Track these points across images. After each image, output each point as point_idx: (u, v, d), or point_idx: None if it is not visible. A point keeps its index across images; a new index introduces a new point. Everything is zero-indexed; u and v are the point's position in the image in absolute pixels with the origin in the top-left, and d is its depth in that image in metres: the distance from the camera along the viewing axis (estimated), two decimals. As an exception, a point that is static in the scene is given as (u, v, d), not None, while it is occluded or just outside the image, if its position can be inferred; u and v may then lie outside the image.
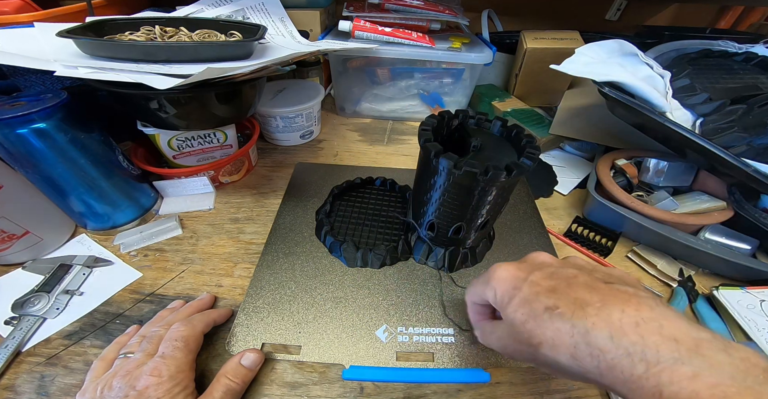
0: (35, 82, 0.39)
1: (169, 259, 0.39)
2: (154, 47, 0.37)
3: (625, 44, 0.46)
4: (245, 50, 0.41)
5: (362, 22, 0.55)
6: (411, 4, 0.56)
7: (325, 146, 0.59)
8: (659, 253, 0.41)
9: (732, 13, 0.82)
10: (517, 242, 0.42)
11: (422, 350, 0.32)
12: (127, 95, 0.35)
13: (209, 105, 0.40)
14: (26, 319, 0.32)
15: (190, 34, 0.44)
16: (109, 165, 0.38)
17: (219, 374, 0.27)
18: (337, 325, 0.33)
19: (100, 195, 0.38)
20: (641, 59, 0.46)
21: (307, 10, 0.62)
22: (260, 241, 0.41)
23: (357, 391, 0.29)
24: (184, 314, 0.32)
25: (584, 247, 0.42)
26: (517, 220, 0.45)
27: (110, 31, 0.40)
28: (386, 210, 0.45)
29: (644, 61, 0.46)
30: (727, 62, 0.50)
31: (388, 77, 0.63)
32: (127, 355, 0.28)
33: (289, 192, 0.48)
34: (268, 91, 0.56)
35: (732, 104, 0.42)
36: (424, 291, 0.36)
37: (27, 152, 0.32)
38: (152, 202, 0.45)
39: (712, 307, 0.36)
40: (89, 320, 0.33)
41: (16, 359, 0.30)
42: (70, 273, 0.36)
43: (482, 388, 0.30)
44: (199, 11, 0.50)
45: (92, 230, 0.41)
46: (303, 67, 0.65)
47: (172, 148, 0.44)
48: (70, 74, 0.32)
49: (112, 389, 0.25)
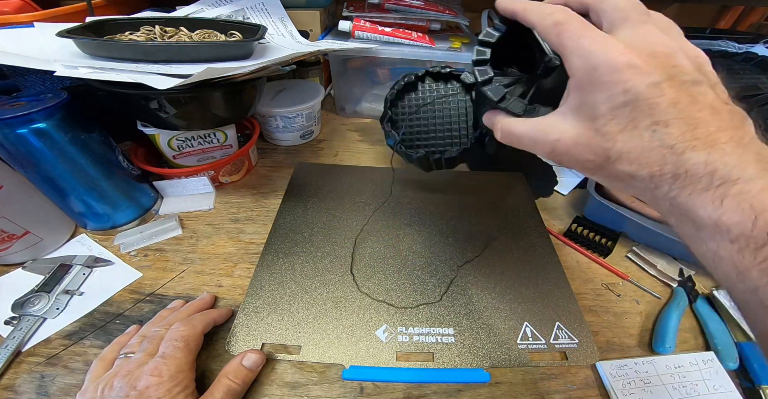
0: (35, 82, 0.39)
1: (169, 259, 0.39)
2: (154, 47, 0.37)
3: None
4: (245, 50, 0.41)
5: (362, 22, 0.55)
6: (411, 4, 0.56)
7: (325, 146, 0.59)
8: (659, 253, 0.41)
9: (732, 13, 0.82)
10: (516, 242, 0.42)
11: (422, 350, 0.32)
12: (127, 95, 0.35)
13: (209, 105, 0.40)
14: (26, 319, 0.32)
15: (190, 34, 0.44)
16: (109, 165, 0.38)
17: (220, 375, 0.27)
18: (337, 325, 0.33)
19: (100, 195, 0.38)
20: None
21: (307, 10, 0.62)
22: (260, 241, 0.41)
23: (357, 391, 0.29)
24: (185, 314, 0.32)
25: (584, 247, 0.42)
26: (517, 220, 0.45)
27: (110, 31, 0.40)
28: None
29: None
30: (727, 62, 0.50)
31: (388, 77, 0.63)
32: (128, 355, 0.28)
33: (289, 192, 0.48)
34: (268, 91, 0.56)
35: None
36: (424, 291, 0.36)
37: (27, 152, 0.32)
38: (152, 202, 0.45)
39: (712, 307, 0.36)
40: (89, 320, 0.33)
41: (16, 359, 0.30)
42: (70, 273, 0.36)
43: (482, 388, 0.30)
44: (199, 11, 0.50)
45: (92, 230, 0.41)
46: (303, 67, 0.65)
47: (172, 148, 0.44)
48: (70, 74, 0.32)
49: (112, 389, 0.25)
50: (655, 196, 0.17)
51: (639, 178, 0.17)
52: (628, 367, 0.31)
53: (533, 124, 0.21)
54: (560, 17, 0.19)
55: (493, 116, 0.24)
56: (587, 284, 0.39)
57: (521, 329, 0.33)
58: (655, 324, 0.35)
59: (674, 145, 0.16)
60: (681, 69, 0.16)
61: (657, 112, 0.16)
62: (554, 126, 0.20)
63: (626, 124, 0.17)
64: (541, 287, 0.37)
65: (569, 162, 0.19)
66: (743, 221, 0.14)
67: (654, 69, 0.16)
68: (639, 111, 0.16)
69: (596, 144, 0.18)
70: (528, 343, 0.32)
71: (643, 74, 0.16)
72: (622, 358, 0.32)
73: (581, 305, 0.36)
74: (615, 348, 0.33)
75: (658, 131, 0.16)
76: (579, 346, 0.32)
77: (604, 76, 0.17)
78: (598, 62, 0.17)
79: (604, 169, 0.18)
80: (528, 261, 0.40)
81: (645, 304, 0.37)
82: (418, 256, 0.40)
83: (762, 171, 0.15)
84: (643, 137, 0.16)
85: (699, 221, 0.16)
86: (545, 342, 0.32)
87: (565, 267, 0.39)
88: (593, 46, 0.17)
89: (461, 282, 0.37)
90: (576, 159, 0.19)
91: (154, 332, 0.29)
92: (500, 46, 0.24)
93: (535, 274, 0.38)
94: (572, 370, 0.31)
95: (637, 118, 0.16)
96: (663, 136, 0.16)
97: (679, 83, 0.16)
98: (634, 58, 0.16)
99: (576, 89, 0.18)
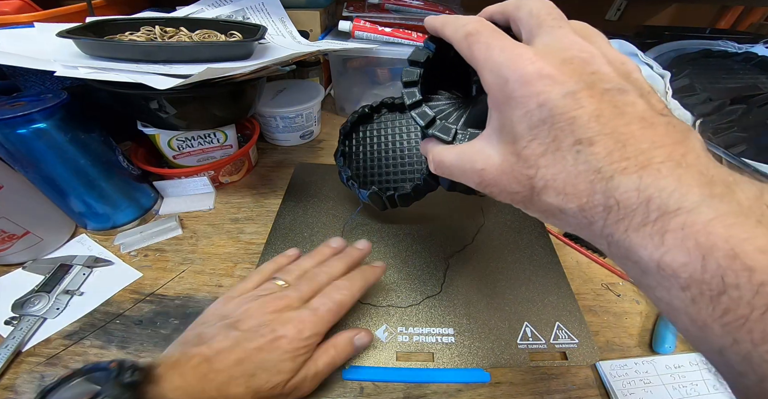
0: (35, 82, 0.39)
1: (169, 259, 0.39)
2: (154, 47, 0.37)
3: (625, 44, 0.47)
4: (245, 50, 0.41)
5: (362, 22, 0.55)
6: (411, 4, 0.56)
7: (325, 146, 0.59)
8: (659, 253, 0.41)
9: (732, 13, 0.82)
10: (516, 242, 0.42)
11: (422, 350, 0.32)
12: (127, 95, 0.35)
13: (209, 105, 0.40)
14: (26, 319, 0.32)
15: (190, 34, 0.44)
16: (109, 165, 0.38)
17: (328, 344, 0.28)
18: (338, 325, 0.33)
19: (100, 195, 0.38)
20: (641, 59, 0.46)
21: (307, 10, 0.62)
22: (260, 241, 0.41)
23: (357, 391, 0.29)
24: (346, 265, 0.31)
25: (584, 247, 0.42)
26: (516, 220, 0.45)
27: (110, 31, 0.40)
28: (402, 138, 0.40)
29: (644, 61, 0.46)
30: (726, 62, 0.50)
31: (388, 77, 0.63)
32: (280, 282, 0.29)
33: (289, 192, 0.48)
34: (268, 91, 0.56)
35: (732, 104, 0.43)
36: (424, 290, 0.36)
37: (27, 152, 0.32)
38: (152, 202, 0.45)
39: (712, 307, 0.36)
40: (89, 320, 0.33)
41: (17, 359, 0.30)
42: (70, 273, 0.36)
43: (482, 388, 0.30)
44: (199, 11, 0.50)
45: (92, 230, 0.41)
46: (303, 67, 0.65)
47: (172, 149, 0.44)
48: (70, 74, 0.32)
49: (251, 318, 0.25)
50: (593, 232, 0.14)
51: (568, 212, 0.14)
52: (628, 367, 0.31)
53: (460, 152, 0.18)
54: (471, 28, 0.17)
55: (425, 145, 0.22)
56: (587, 284, 0.39)
57: (521, 329, 0.33)
58: (655, 324, 0.35)
59: (601, 168, 0.13)
60: (601, 76, 0.14)
61: (578, 128, 0.14)
62: (480, 152, 0.17)
63: (548, 144, 0.14)
64: (541, 287, 0.37)
65: (499, 194, 0.17)
66: (690, 262, 0.12)
67: (568, 77, 0.14)
68: (558, 128, 0.14)
69: (518, 171, 0.15)
70: (528, 343, 0.32)
71: (557, 84, 0.14)
72: (622, 358, 0.32)
73: (581, 305, 0.36)
74: (615, 348, 0.33)
75: (582, 152, 0.14)
76: (579, 346, 0.32)
77: (516, 90, 0.15)
78: (508, 74, 0.15)
79: (532, 203, 0.16)
80: (528, 261, 0.40)
81: (645, 304, 0.37)
82: (418, 256, 0.40)
83: (708, 197, 0.12)
84: (566, 160, 0.14)
85: (642, 264, 0.13)
86: (545, 342, 0.32)
87: (565, 267, 0.39)
88: (501, 57, 0.15)
89: (460, 280, 0.37)
90: (504, 191, 0.16)
91: (315, 275, 0.29)
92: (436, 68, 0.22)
93: (535, 274, 0.38)
94: (572, 370, 0.31)
95: (558, 137, 0.14)
96: (588, 158, 0.14)
97: (600, 92, 0.14)
98: (545, 67, 0.14)
99: (494, 108, 0.16)
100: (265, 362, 0.24)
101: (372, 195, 0.36)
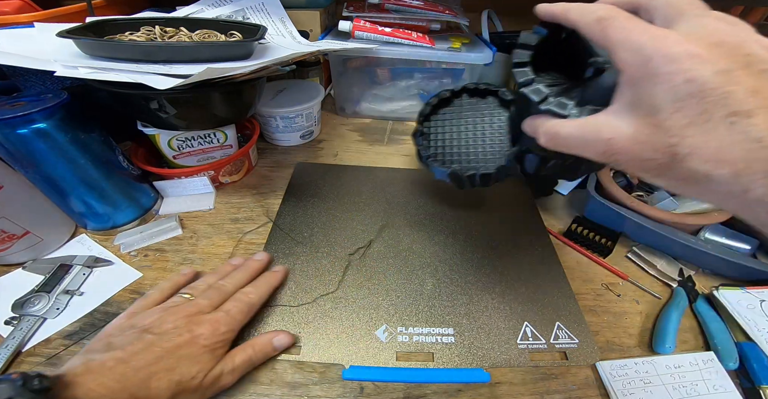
0: (35, 82, 0.39)
1: (169, 259, 0.39)
2: (154, 47, 0.37)
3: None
4: (245, 50, 0.41)
5: (362, 22, 0.55)
6: (411, 4, 0.56)
7: (325, 146, 0.59)
8: (659, 253, 0.41)
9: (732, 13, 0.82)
10: (517, 242, 0.42)
11: (422, 350, 0.32)
12: (127, 95, 0.35)
13: (209, 105, 0.40)
14: (26, 319, 0.32)
15: (190, 34, 0.44)
16: (109, 165, 0.38)
17: (247, 344, 0.29)
18: (337, 325, 0.33)
19: (100, 195, 0.38)
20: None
21: (307, 10, 0.62)
22: (260, 241, 0.41)
23: (357, 391, 0.29)
24: (249, 275, 0.34)
25: (584, 247, 0.42)
26: (517, 220, 0.45)
27: (110, 31, 0.40)
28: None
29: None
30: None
31: (388, 77, 0.63)
32: (186, 296, 0.30)
33: (289, 192, 0.48)
34: (268, 91, 0.56)
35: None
36: (424, 291, 0.36)
37: (27, 152, 0.32)
38: (152, 202, 0.45)
39: (712, 307, 0.36)
40: (89, 320, 0.33)
41: (17, 359, 0.30)
42: (70, 273, 0.36)
43: (482, 388, 0.30)
44: (199, 11, 0.50)
45: (92, 230, 0.41)
46: (303, 67, 0.65)
47: (172, 149, 0.44)
48: (70, 74, 0.32)
49: (166, 323, 0.27)
50: (746, 201, 0.15)
51: (718, 178, 0.15)
52: (628, 367, 0.31)
53: (582, 124, 0.19)
54: (604, 13, 0.18)
55: (534, 120, 0.23)
56: (587, 284, 0.39)
57: (521, 329, 0.33)
58: (655, 324, 0.35)
59: (762, 138, 0.14)
60: (757, 58, 0.15)
61: (733, 102, 0.14)
62: (607, 124, 0.18)
63: (694, 116, 0.15)
64: (541, 287, 0.37)
65: (627, 162, 0.18)
66: None
67: (719, 58, 0.15)
68: (709, 102, 0.14)
69: (658, 140, 0.16)
70: (528, 343, 0.32)
71: (707, 62, 0.14)
72: (622, 358, 0.32)
73: (581, 305, 0.36)
74: (615, 348, 0.33)
75: (737, 123, 0.14)
76: (579, 346, 0.32)
77: (661, 67, 0.15)
78: (652, 53, 0.15)
79: (671, 169, 0.16)
80: (528, 261, 0.40)
81: (645, 304, 0.37)
82: (417, 256, 0.40)
83: None
84: (718, 131, 0.14)
85: None
86: (545, 342, 0.32)
87: (565, 267, 0.39)
88: (643, 38, 0.16)
89: (461, 281, 0.37)
90: (634, 157, 0.17)
91: (221, 285, 0.31)
92: (542, 53, 0.24)
93: (535, 274, 0.38)
94: (572, 370, 0.31)
95: (708, 110, 0.14)
96: (746, 128, 0.14)
97: (758, 72, 0.14)
98: (694, 48, 0.15)
99: (628, 84, 0.17)
100: (184, 356, 0.25)
101: (452, 174, 0.38)
